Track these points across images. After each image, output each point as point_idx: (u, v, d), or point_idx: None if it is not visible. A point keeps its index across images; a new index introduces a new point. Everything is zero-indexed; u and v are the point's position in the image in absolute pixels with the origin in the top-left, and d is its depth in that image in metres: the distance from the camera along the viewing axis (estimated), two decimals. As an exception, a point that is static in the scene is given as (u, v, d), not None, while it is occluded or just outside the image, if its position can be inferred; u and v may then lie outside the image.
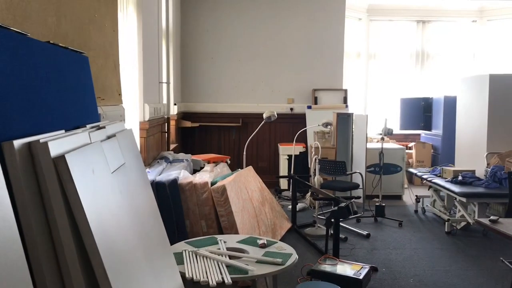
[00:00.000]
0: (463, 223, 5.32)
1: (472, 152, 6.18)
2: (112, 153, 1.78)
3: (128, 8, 4.17)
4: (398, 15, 8.84)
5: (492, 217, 3.10)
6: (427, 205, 6.29)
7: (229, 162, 5.63)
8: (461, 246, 4.84)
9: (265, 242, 3.10)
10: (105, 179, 1.58)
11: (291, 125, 7.47)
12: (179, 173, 4.01)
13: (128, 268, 1.50)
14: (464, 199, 5.07)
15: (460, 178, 5.41)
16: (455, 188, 5.18)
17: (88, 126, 1.87)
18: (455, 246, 4.85)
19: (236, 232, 3.80)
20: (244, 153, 5.77)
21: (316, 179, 5.60)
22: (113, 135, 1.93)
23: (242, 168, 5.33)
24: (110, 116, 2.93)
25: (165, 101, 5.64)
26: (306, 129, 6.96)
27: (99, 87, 2.84)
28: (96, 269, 1.26)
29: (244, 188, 4.48)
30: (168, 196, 3.80)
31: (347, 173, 5.96)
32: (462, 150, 6.59)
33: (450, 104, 7.28)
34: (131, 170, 1.99)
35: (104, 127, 1.90)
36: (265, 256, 2.86)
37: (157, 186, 3.78)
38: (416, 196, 6.40)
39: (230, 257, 2.89)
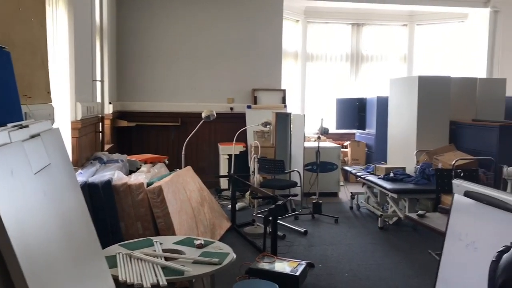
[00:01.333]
0: (395, 218, 5.55)
1: (403, 150, 6.47)
2: (36, 153, 1.69)
3: (58, 3, 4.00)
4: (334, 18, 9.09)
5: (419, 212, 3.26)
6: (361, 202, 6.51)
7: (167, 162, 5.54)
8: (393, 241, 5.05)
9: (202, 243, 3.07)
10: (26, 180, 1.49)
11: (231, 124, 7.46)
12: (113, 174, 3.89)
13: (51, 273, 1.43)
14: (395, 195, 5.29)
15: (391, 175, 5.65)
16: (387, 185, 5.39)
17: (9, 125, 1.77)
18: (388, 240, 5.05)
19: (174, 233, 3.74)
20: (183, 153, 5.70)
21: (256, 178, 5.63)
22: (37, 135, 1.83)
23: (180, 168, 5.26)
24: (37, 115, 2.79)
25: (99, 100, 5.46)
26: (246, 129, 6.99)
27: (25, 85, 2.69)
28: (13, 275, 1.19)
29: (182, 189, 4.42)
30: (101, 198, 3.68)
31: (286, 171, 6.05)
32: (393, 148, 6.88)
33: (383, 104, 7.57)
34: (57, 170, 1.91)
35: (27, 126, 1.80)
36: (201, 257, 2.84)
37: (89, 188, 3.65)
38: (351, 193, 6.61)
39: (166, 258, 2.84)
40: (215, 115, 5.72)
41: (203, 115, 5.68)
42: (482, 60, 8.66)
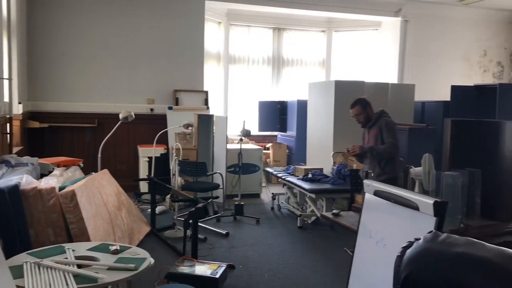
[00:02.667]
0: (313, 218, 5.72)
1: (321, 152, 6.69)
2: None
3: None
4: (256, 21, 9.20)
5: (334, 211, 3.39)
6: (282, 202, 6.64)
7: (82, 165, 5.29)
8: (311, 239, 5.20)
9: (118, 248, 2.96)
10: None
11: (152, 126, 7.29)
12: (22, 178, 3.65)
13: None
14: (313, 195, 5.46)
15: (310, 175, 5.82)
16: (306, 185, 5.55)
17: None
18: (306, 239, 5.19)
19: (88, 240, 3.58)
20: (99, 155, 5.47)
21: (176, 181, 5.55)
22: None
23: (96, 171, 5.05)
24: None
25: (6, 99, 5.10)
26: (167, 130, 6.86)
27: None
28: None
29: (97, 193, 4.24)
30: (7, 204, 3.43)
31: (208, 173, 6.02)
32: (312, 149, 7.10)
33: (303, 108, 7.78)
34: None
35: None
36: (117, 263, 2.74)
37: (-6, 194, 3.39)
38: (272, 194, 6.72)
39: (79, 266, 2.71)
40: (134, 116, 5.56)
41: (120, 116, 5.50)
42: (393, 66, 9.20)
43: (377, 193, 2.62)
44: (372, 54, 9.66)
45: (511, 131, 2.80)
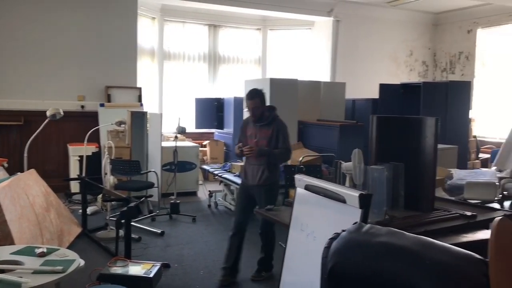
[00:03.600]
0: (249, 214, 5.76)
1: (257, 149, 6.75)
2: None
3: None
4: (191, 17, 9.12)
5: (268, 206, 3.44)
6: (219, 199, 6.64)
7: (6, 165, 5.01)
8: (247, 236, 5.21)
9: (45, 251, 2.84)
10: None
11: (82, 123, 7.02)
12: None
13: None
14: (249, 192, 5.50)
15: (246, 172, 5.85)
16: (242, 182, 5.58)
17: None
18: (243, 235, 5.23)
19: (12, 243, 3.40)
20: (25, 155, 5.21)
21: (109, 180, 5.39)
22: None
23: (22, 171, 4.80)
24: None
25: None
26: (98, 128, 6.64)
27: None
28: None
29: (23, 194, 4.04)
30: None
31: (142, 172, 5.90)
32: (249, 146, 7.14)
33: (240, 105, 7.81)
34: None
35: None
36: (43, 266, 2.63)
37: None
38: (209, 191, 6.71)
39: (2, 271, 2.57)
40: (62, 113, 5.34)
41: (48, 113, 5.26)
42: (326, 64, 9.46)
43: (308, 187, 2.70)
44: (306, 52, 9.88)
45: (432, 127, 2.97)
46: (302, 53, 9.91)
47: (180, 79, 9.18)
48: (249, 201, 3.99)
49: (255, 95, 3.90)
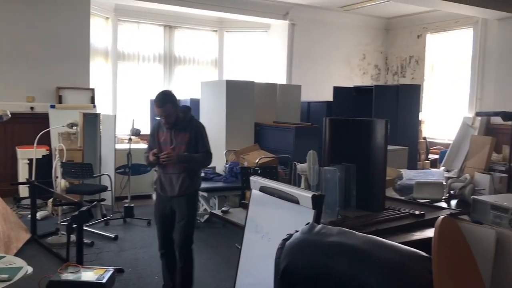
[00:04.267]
0: (206, 216, 5.75)
1: (214, 150, 6.67)
2: None
3: None
4: (145, 18, 8.98)
5: (223, 208, 3.44)
6: (175, 202, 6.56)
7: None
8: (204, 238, 5.21)
9: (-10, 258, 2.73)
10: None
11: (32, 125, 6.77)
12: None
13: None
14: (205, 194, 5.49)
15: (202, 174, 5.82)
16: (198, 184, 5.55)
17: None
18: (199, 238, 5.17)
19: (-46, 251, 3.24)
20: (-30, 158, 4.98)
21: (60, 184, 5.22)
22: None
23: (-34, 176, 4.58)
24: None
25: None
26: (49, 130, 6.42)
27: None
28: None
29: (-34, 199, 3.85)
30: None
31: (95, 175, 5.76)
32: (205, 148, 7.12)
33: (196, 107, 7.75)
34: None
35: None
36: (-12, 274, 2.52)
37: None
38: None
39: None
40: (9, 115, 5.14)
41: (-6, 115, 5.05)
42: (282, 67, 9.55)
43: (263, 189, 2.72)
44: (262, 55, 9.94)
45: (382, 129, 3.06)
46: (259, 55, 9.97)
47: (135, 80, 9.02)
48: (169, 215, 3.56)
49: (165, 101, 3.38)
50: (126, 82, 8.92)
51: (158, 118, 3.59)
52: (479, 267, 3.00)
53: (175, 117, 3.43)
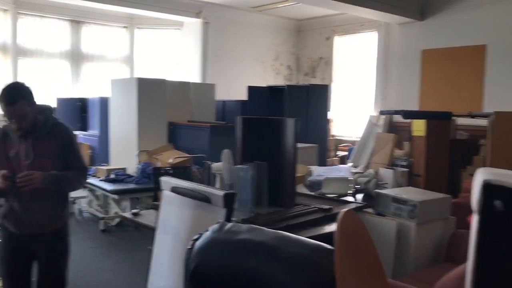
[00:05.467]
0: (117, 220, 5.54)
1: (125, 151, 6.52)
2: None
3: None
4: (50, 12, 8.46)
5: (134, 211, 3.34)
6: (83, 206, 6.27)
7: None
8: (115, 242, 5.03)
9: None
10: None
11: None
12: None
13: None
14: (116, 196, 5.30)
15: (112, 176, 5.62)
16: (108, 186, 5.35)
17: None
18: (110, 242, 5.01)
19: None
20: None
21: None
22: None
23: None
24: None
25: None
26: None
27: None
28: None
29: None
30: None
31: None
32: (116, 149, 6.87)
33: (106, 105, 7.46)
34: None
35: None
36: None
37: None
38: (72, 198, 6.28)
39: None
40: None
41: None
42: (196, 66, 9.48)
43: (174, 189, 2.67)
44: (175, 53, 9.79)
45: (292, 127, 3.14)
46: (172, 53, 9.81)
47: (39, 77, 8.46)
48: (24, 264, 2.58)
49: (17, 96, 2.40)
50: (29, 79, 8.33)
51: (4, 122, 2.52)
52: (383, 255, 3.18)
53: (31, 120, 2.44)
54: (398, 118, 7.61)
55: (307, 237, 2.25)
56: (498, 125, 4.12)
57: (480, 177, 1.75)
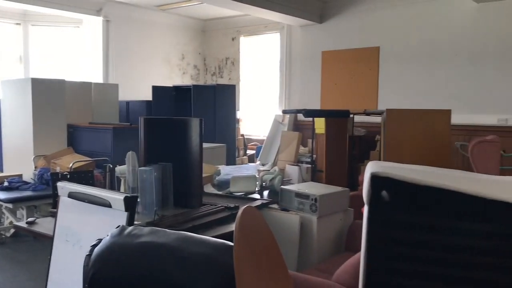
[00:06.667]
0: (12, 230, 5.15)
1: (20, 156, 6.08)
2: None
3: None
4: None
5: (29, 219, 3.12)
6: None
7: None
8: (10, 254, 4.68)
9: None
10: None
11: None
12: None
13: None
14: (10, 205, 4.92)
15: (6, 184, 5.22)
16: (1, 195, 4.95)
17: None
18: (4, 255, 4.65)
19: None
20: None
21: None
22: None
23: None
24: None
25: None
26: None
27: None
28: None
29: None
30: None
31: None
32: (9, 155, 6.38)
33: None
34: None
35: None
36: None
37: None
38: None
39: None
40: None
41: None
42: (98, 65, 9.08)
43: (72, 195, 2.55)
44: (75, 52, 9.30)
45: (196, 127, 3.13)
46: (71, 52, 9.30)
47: None
48: None
49: None
50: None
51: None
52: (288, 249, 3.29)
53: None
54: (302, 116, 7.91)
55: (213, 236, 2.28)
56: (390, 121, 4.44)
57: (369, 170, 1.88)
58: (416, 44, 7.37)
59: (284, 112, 7.55)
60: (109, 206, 2.30)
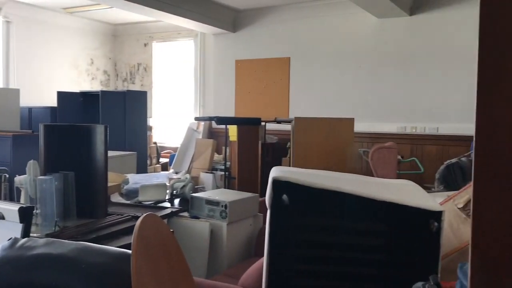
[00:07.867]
0: None
1: None
2: None
3: None
4: None
5: None
6: None
7: None
8: None
9: None
10: None
11: None
12: None
13: None
14: None
15: None
16: None
17: None
18: None
19: None
20: None
21: None
22: None
23: None
24: None
25: None
26: None
27: None
28: None
29: None
30: None
31: None
32: None
33: None
34: None
35: None
36: None
37: None
38: None
39: None
40: None
41: None
42: (-3, 69, 8.47)
43: (-41, 208, 2.35)
44: (-30, 53, 8.60)
45: (101, 134, 3.03)
46: (-34, 54, 8.58)
47: None
48: None
49: None
50: None
51: None
52: (198, 256, 3.28)
53: None
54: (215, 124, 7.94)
55: (118, 247, 2.22)
56: (298, 129, 4.61)
57: (271, 175, 1.94)
58: (324, 55, 7.73)
59: (197, 119, 7.54)
60: (2, 218, 2.15)
